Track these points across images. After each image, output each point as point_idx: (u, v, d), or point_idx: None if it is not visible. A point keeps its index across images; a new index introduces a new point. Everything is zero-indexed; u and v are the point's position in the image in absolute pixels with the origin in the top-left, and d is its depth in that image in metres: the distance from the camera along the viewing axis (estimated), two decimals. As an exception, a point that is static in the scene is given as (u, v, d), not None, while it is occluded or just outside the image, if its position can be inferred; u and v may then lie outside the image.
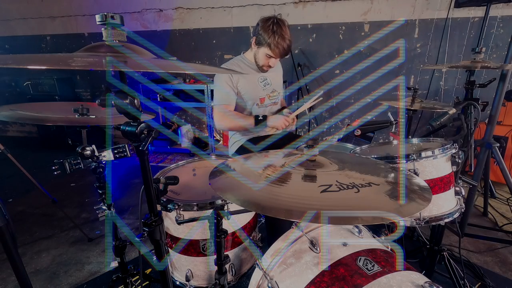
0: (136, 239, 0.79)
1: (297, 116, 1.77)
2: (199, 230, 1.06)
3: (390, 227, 1.80)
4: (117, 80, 0.65)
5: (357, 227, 0.88)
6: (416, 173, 1.13)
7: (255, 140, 1.78)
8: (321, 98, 1.66)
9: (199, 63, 3.71)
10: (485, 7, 2.67)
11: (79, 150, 1.04)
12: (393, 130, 1.81)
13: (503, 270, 1.71)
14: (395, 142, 1.52)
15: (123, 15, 0.66)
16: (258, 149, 1.67)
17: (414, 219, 1.15)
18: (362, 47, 3.36)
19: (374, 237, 0.91)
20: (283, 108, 1.91)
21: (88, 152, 1.05)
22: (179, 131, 3.91)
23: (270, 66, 1.66)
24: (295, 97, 3.52)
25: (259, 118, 1.65)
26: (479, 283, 1.58)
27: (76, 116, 1.16)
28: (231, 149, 1.86)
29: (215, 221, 0.90)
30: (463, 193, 1.26)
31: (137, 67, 0.62)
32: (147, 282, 1.52)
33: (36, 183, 2.01)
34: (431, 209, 1.17)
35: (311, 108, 3.06)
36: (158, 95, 3.66)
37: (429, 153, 1.16)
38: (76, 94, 4.49)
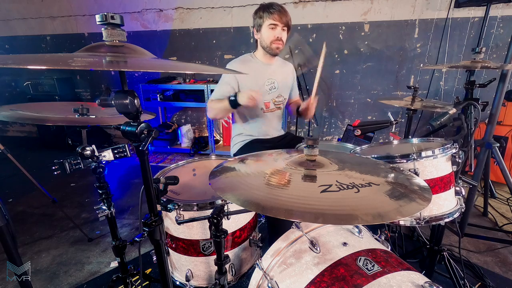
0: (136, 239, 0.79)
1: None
2: (199, 230, 1.06)
3: (390, 227, 1.81)
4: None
5: (357, 227, 0.88)
6: (416, 173, 1.13)
7: (257, 142, 1.78)
8: (325, 50, 1.48)
9: (199, 63, 3.72)
10: (485, 7, 2.66)
11: (79, 150, 1.04)
12: (393, 130, 1.81)
13: (503, 270, 1.71)
14: (395, 142, 1.52)
15: (123, 15, 0.66)
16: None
17: (414, 219, 1.15)
18: (362, 47, 3.37)
19: (374, 237, 0.91)
20: (299, 106, 1.81)
21: (88, 152, 1.06)
22: (179, 131, 3.92)
23: (280, 41, 1.60)
24: (295, 97, 3.52)
25: (231, 99, 1.58)
26: (479, 283, 1.58)
27: (76, 116, 1.15)
28: (233, 149, 1.88)
29: (215, 221, 0.90)
30: (463, 193, 1.26)
31: (137, 67, 0.62)
32: (147, 282, 1.52)
33: (36, 183, 2.01)
34: (431, 209, 1.17)
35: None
36: (158, 95, 3.67)
37: (429, 152, 1.15)
38: (76, 94, 4.49)
